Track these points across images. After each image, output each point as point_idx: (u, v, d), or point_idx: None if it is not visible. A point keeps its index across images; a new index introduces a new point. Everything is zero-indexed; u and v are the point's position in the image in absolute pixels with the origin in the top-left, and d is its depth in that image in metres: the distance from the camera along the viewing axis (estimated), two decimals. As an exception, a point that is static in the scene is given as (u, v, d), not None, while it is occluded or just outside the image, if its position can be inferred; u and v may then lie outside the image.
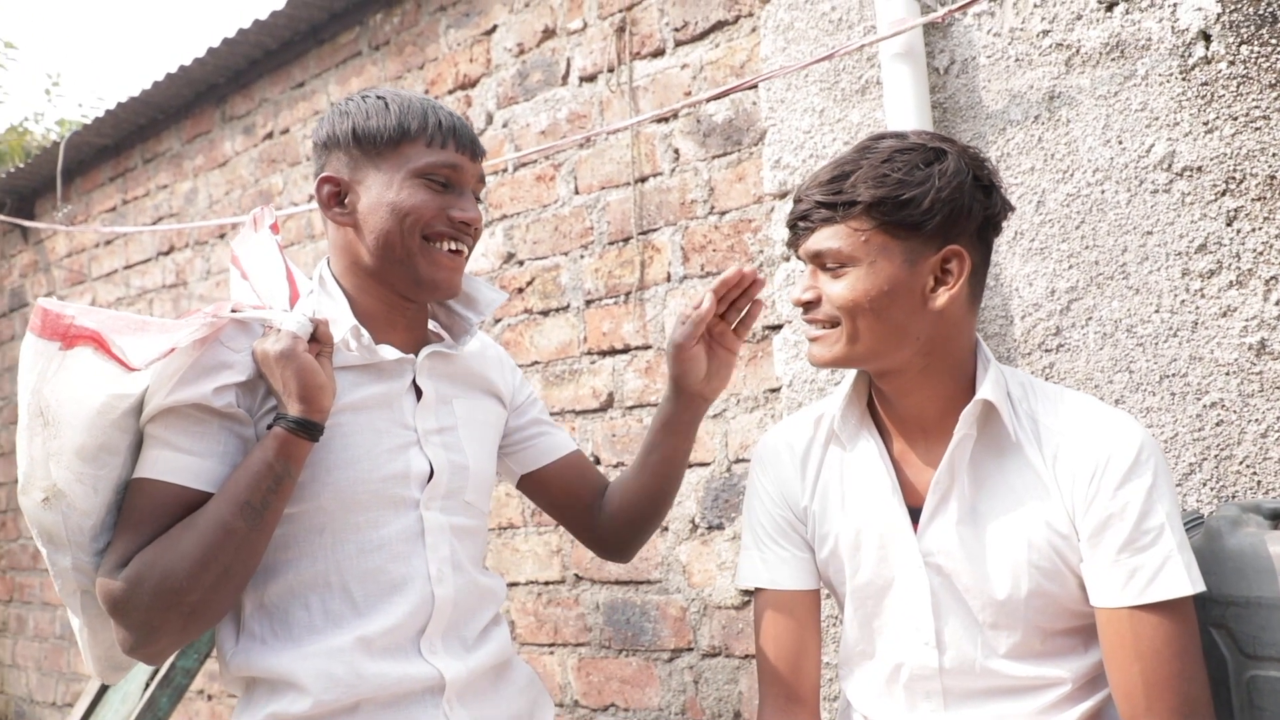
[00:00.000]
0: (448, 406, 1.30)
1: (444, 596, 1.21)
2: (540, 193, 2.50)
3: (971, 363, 1.19)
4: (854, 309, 1.14)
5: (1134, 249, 1.56)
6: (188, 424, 1.12)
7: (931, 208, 1.10)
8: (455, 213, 1.23)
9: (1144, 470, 1.09)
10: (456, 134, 1.24)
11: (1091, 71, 1.61)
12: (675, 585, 2.17)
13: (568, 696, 2.37)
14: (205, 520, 1.08)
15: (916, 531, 1.19)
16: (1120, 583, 1.07)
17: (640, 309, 2.27)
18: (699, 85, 2.19)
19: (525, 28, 2.55)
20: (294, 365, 1.10)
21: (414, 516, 1.22)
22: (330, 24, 3.08)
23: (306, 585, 1.17)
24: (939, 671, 1.17)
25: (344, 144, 1.24)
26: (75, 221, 4.16)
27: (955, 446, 1.15)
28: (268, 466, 1.09)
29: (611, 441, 2.31)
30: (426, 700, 1.18)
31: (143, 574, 1.07)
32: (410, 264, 1.22)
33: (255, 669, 1.16)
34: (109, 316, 1.12)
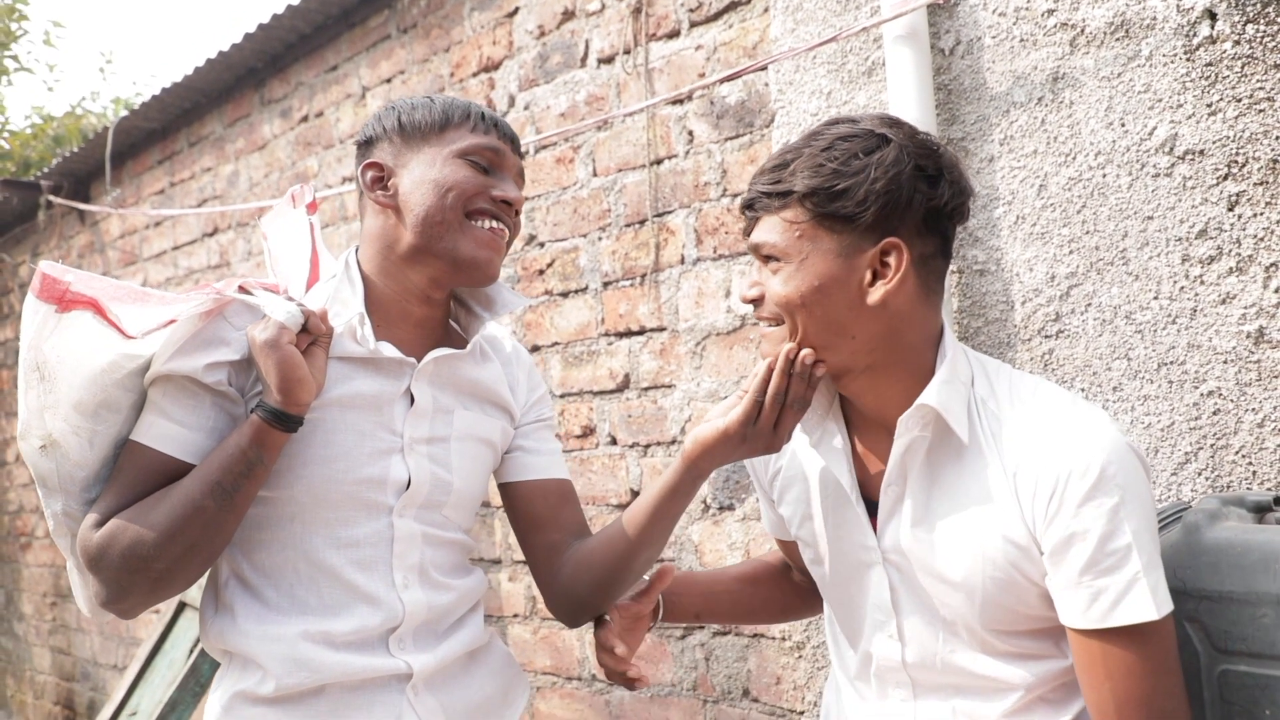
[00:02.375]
0: (446, 416, 1.28)
1: (414, 602, 1.22)
2: (560, 175, 2.53)
3: (931, 358, 1.15)
4: (789, 305, 1.10)
5: (1134, 234, 1.53)
6: (181, 395, 1.15)
7: (866, 199, 1.06)
8: (497, 192, 1.24)
9: (1109, 488, 1.03)
10: (499, 125, 1.28)
11: (1096, 52, 1.58)
12: (687, 564, 2.21)
13: (585, 670, 2.43)
14: (177, 495, 1.12)
15: (876, 529, 1.18)
16: (1083, 605, 1.04)
17: (655, 291, 2.29)
18: (713, 67, 2.19)
19: (545, 10, 2.56)
20: (276, 356, 1.11)
21: (385, 522, 1.22)
22: (360, 8, 3.12)
23: (277, 568, 1.20)
24: (903, 664, 1.19)
25: (389, 134, 1.26)
26: (126, 204, 4.29)
27: (904, 450, 1.13)
28: (241, 451, 1.11)
29: (627, 422, 2.34)
30: (392, 686, 1.20)
31: (115, 536, 1.11)
32: (450, 241, 1.21)
33: (227, 644, 1.19)
34: (109, 285, 1.16)
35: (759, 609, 1.49)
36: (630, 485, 2.32)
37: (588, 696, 2.42)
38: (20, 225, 5.09)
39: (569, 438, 2.47)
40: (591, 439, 2.42)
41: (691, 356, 2.21)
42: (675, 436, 2.23)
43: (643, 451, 2.30)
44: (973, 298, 1.73)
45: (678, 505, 1.22)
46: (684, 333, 2.22)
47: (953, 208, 1.13)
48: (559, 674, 2.49)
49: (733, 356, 2.13)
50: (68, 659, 4.96)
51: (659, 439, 2.27)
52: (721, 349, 2.15)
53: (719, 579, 1.48)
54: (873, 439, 1.21)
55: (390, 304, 1.27)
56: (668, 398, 2.25)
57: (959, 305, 1.75)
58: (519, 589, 2.58)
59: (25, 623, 5.38)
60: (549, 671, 2.52)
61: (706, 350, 2.18)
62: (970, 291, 1.73)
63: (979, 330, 1.72)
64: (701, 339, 2.19)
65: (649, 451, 2.29)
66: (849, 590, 1.23)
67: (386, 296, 1.27)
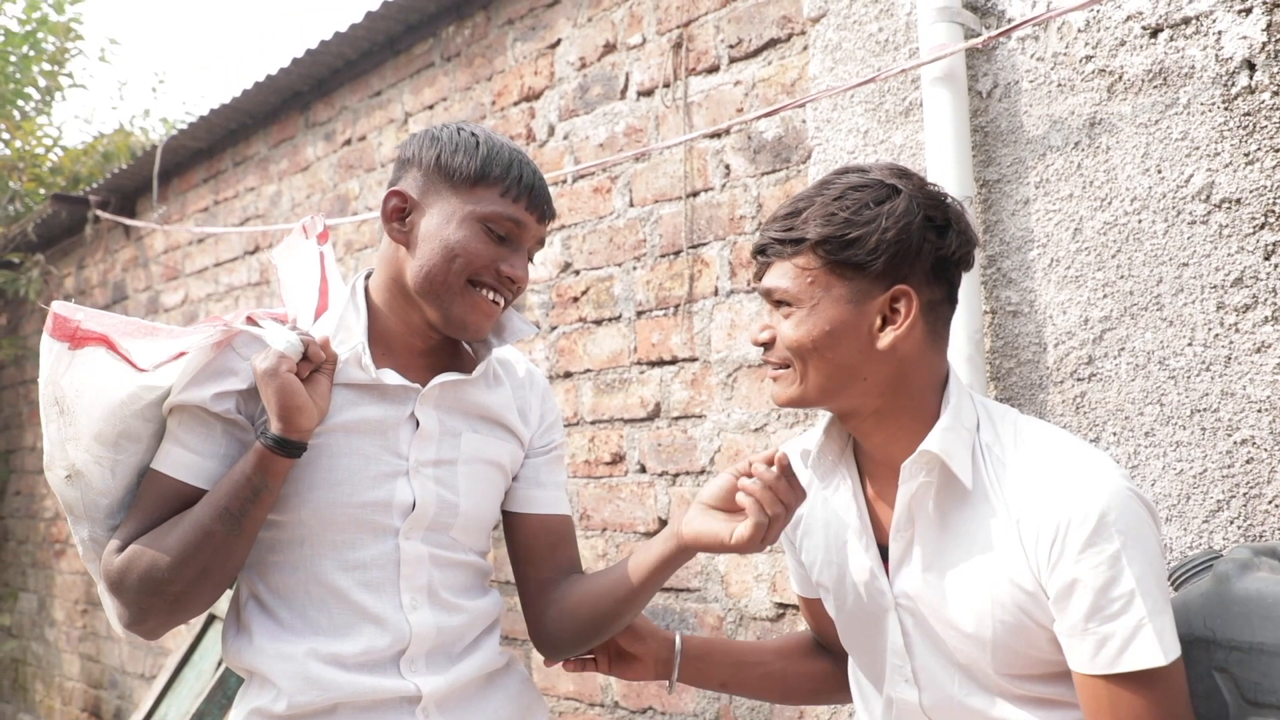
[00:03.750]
0: (453, 439, 1.29)
1: (422, 624, 1.24)
2: (597, 204, 2.56)
3: (936, 403, 1.16)
4: (799, 350, 1.13)
5: (1169, 280, 1.54)
6: (194, 423, 1.20)
7: (876, 248, 1.09)
8: (504, 267, 1.24)
9: (1108, 534, 1.03)
10: (533, 192, 1.25)
11: (1133, 99, 1.59)
12: (713, 594, 2.21)
13: (608, 698, 2.43)
14: (189, 521, 1.16)
15: (889, 573, 1.19)
16: (1090, 652, 1.05)
17: (689, 321, 2.31)
18: (751, 102, 2.22)
19: (587, 42, 2.61)
20: (275, 384, 1.13)
21: (392, 544, 1.24)
22: (405, 35, 3.19)
23: (290, 589, 1.23)
24: (920, 708, 1.19)
25: (424, 166, 1.25)
26: (171, 220, 4.39)
27: (911, 495, 1.14)
28: (246, 479, 1.14)
29: (657, 450, 2.35)
30: (403, 708, 1.22)
31: (134, 561, 1.16)
32: (446, 301, 1.23)
33: (245, 662, 1.23)
34: (118, 321, 1.21)
35: (791, 687, 1.48)
36: (658, 514, 2.34)
37: (610, 723, 2.42)
38: (68, 239, 5.21)
39: (598, 464, 2.50)
40: (621, 466, 2.44)
41: (723, 387, 2.23)
42: (704, 466, 2.25)
43: (671, 480, 2.32)
44: (1005, 339, 1.74)
45: (666, 575, 1.27)
46: (716, 364, 2.24)
47: (960, 256, 1.16)
48: (582, 699, 2.50)
49: (764, 389, 2.15)
50: (96, 666, 5.02)
51: (688, 468, 2.28)
52: (753, 381, 2.17)
53: (752, 651, 1.48)
54: (884, 484, 1.22)
55: (395, 333, 1.29)
56: (698, 428, 2.27)
57: (991, 346, 1.75)
58: (544, 613, 2.60)
59: (56, 629, 5.45)
60: (571, 697, 2.53)
61: (738, 382, 2.20)
62: (1003, 333, 1.74)
63: (1010, 371, 1.73)
64: (733, 370, 2.21)
65: (678, 480, 2.31)
66: (868, 635, 1.24)
67: (392, 325, 1.29)
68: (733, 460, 2.19)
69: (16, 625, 5.98)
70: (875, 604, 1.21)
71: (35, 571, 5.67)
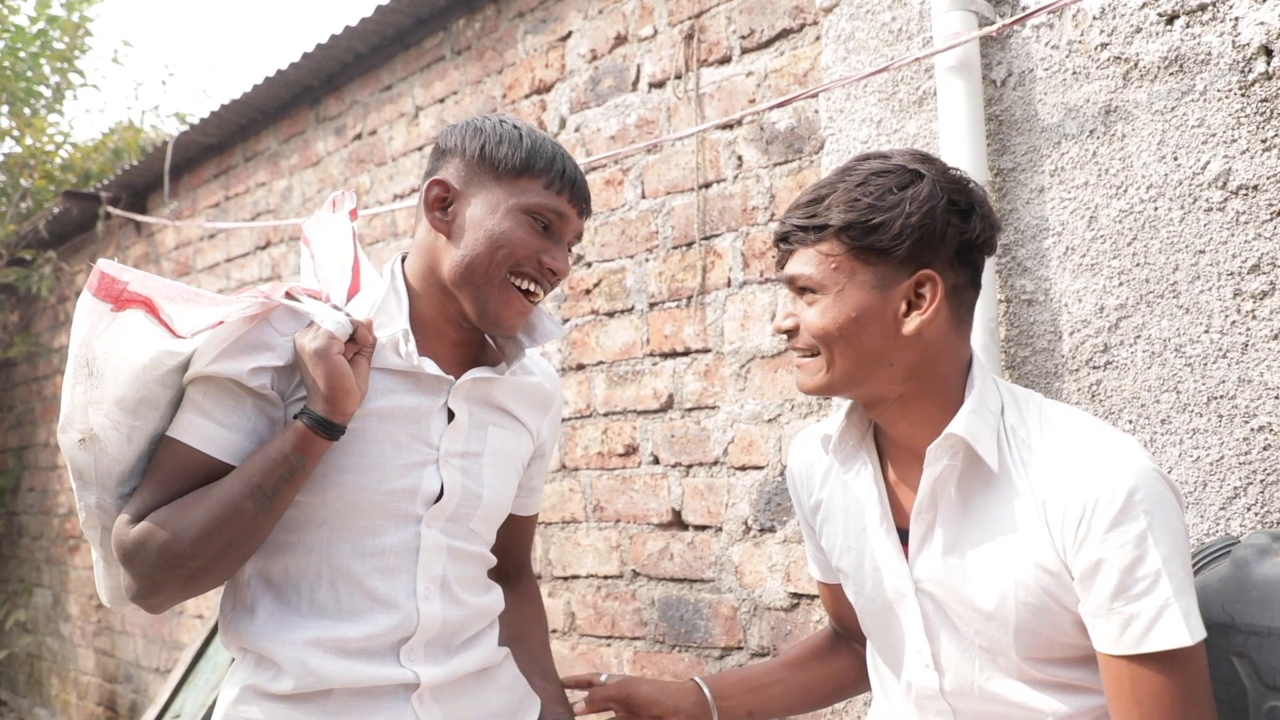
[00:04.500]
0: (481, 432, 1.30)
1: (430, 614, 1.23)
2: (609, 196, 2.56)
3: (960, 387, 1.16)
4: (825, 337, 1.13)
5: (1185, 268, 1.53)
6: (223, 396, 1.17)
7: (901, 233, 1.09)
8: (547, 258, 1.23)
9: (1135, 514, 1.03)
10: (575, 186, 1.25)
11: (1149, 86, 1.59)
12: (727, 585, 2.22)
13: (623, 688, 2.44)
14: (217, 495, 1.13)
15: (908, 557, 1.20)
16: (1115, 632, 1.05)
17: (701, 313, 2.32)
18: (763, 93, 2.21)
19: (598, 34, 2.61)
20: (325, 365, 1.12)
21: (413, 532, 1.23)
22: (416, 29, 3.19)
23: (301, 571, 1.21)
24: (941, 692, 1.19)
25: (467, 157, 1.25)
26: (182, 216, 4.40)
27: (934, 479, 1.14)
28: (284, 457, 1.13)
29: (670, 442, 2.36)
30: (399, 694, 1.22)
31: (153, 532, 1.13)
32: (485, 293, 1.23)
33: (244, 641, 1.21)
34: (163, 285, 1.17)
35: (813, 694, 1.49)
36: (671, 505, 2.34)
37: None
38: (79, 235, 5.23)
39: (611, 456, 2.50)
40: (634, 458, 2.45)
41: (736, 379, 2.23)
42: (718, 458, 2.25)
43: (685, 472, 2.32)
44: (1020, 327, 1.73)
45: None
46: (729, 355, 2.24)
47: (983, 240, 1.16)
48: (596, 691, 2.51)
49: (777, 380, 2.15)
50: (111, 660, 5.05)
51: (701, 459, 2.29)
52: (766, 372, 2.17)
53: (766, 672, 1.48)
54: (905, 468, 1.22)
55: (430, 322, 1.28)
56: (711, 419, 2.27)
57: (1006, 334, 1.75)
58: (558, 605, 2.60)
59: (71, 624, 5.49)
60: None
61: (751, 373, 2.20)
62: (1018, 321, 1.74)
63: (1026, 360, 1.73)
64: (746, 361, 2.21)
65: (691, 472, 2.31)
66: (888, 620, 1.25)
67: (428, 314, 1.28)
68: (746, 451, 2.19)
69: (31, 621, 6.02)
70: (895, 589, 1.21)
71: (49, 567, 5.70)
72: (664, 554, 2.36)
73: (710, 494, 2.26)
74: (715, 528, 2.25)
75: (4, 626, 6.15)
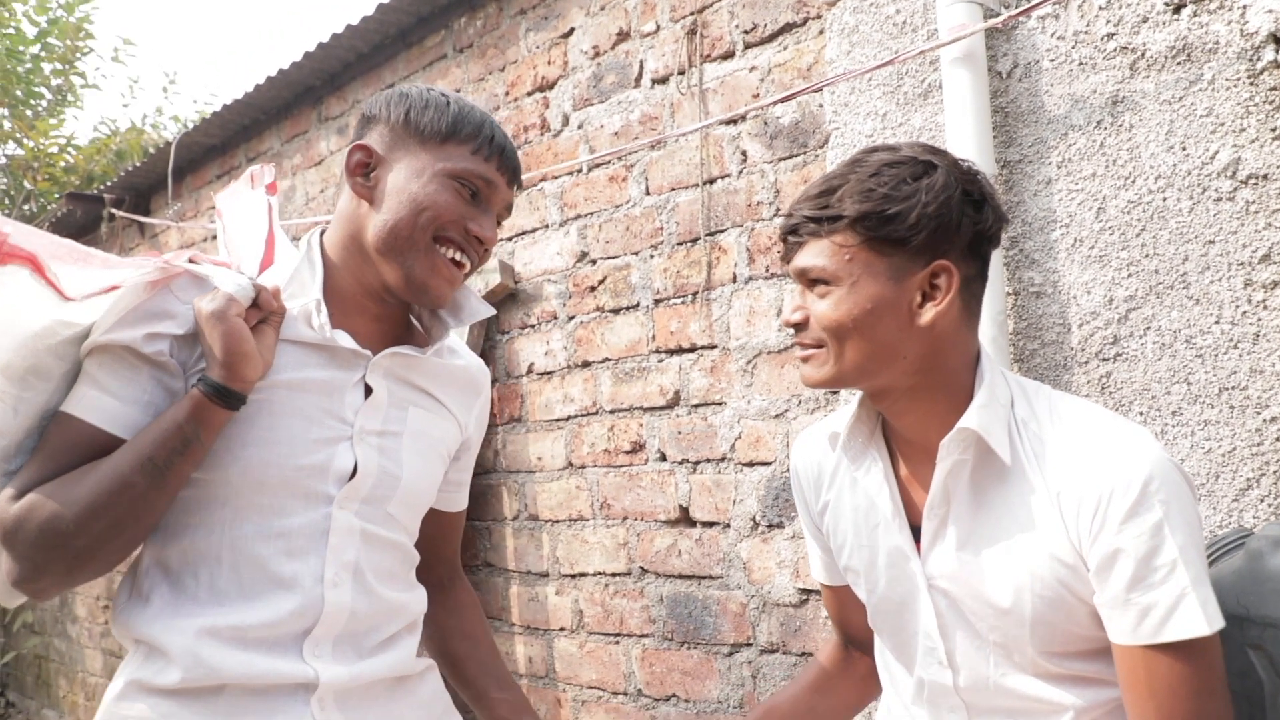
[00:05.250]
0: (401, 411, 1.23)
1: (337, 602, 1.15)
2: (613, 193, 2.56)
3: (970, 380, 1.16)
4: (838, 329, 1.11)
5: (1195, 258, 1.52)
6: (119, 366, 1.09)
7: (918, 223, 1.08)
8: (474, 226, 1.18)
9: (1151, 504, 1.03)
10: (504, 153, 1.21)
11: (1156, 75, 1.58)
12: (736, 581, 2.21)
13: (631, 685, 2.44)
14: (106, 468, 1.05)
15: (920, 554, 1.19)
16: (1132, 623, 1.04)
17: (707, 309, 2.31)
18: (767, 88, 2.21)
19: (600, 30, 2.60)
20: (222, 328, 1.06)
21: (323, 513, 1.15)
22: (417, 28, 3.18)
23: (200, 555, 1.12)
24: (954, 689, 1.19)
25: (392, 122, 1.19)
26: (185, 217, 4.40)
27: (946, 473, 1.13)
28: (177, 426, 1.05)
29: (677, 438, 2.35)
30: (298, 696, 1.12)
31: (34, 509, 1.04)
32: (410, 259, 1.16)
33: (135, 631, 1.12)
34: (51, 242, 1.10)
35: (840, 713, 1.47)
36: (679, 501, 2.34)
37: (633, 711, 2.43)
38: (83, 237, 5.23)
39: (618, 453, 2.50)
40: (640, 455, 2.44)
41: (742, 374, 2.22)
42: (725, 454, 2.25)
43: (692, 468, 2.32)
44: (1029, 320, 1.73)
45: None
46: (735, 350, 2.24)
47: (994, 232, 1.16)
48: (604, 688, 2.51)
49: (784, 375, 2.14)
50: (118, 661, 5.04)
51: (708, 455, 2.28)
52: (773, 367, 2.16)
53: (794, 703, 1.44)
54: (915, 464, 1.21)
55: (349, 295, 1.22)
56: (718, 415, 2.27)
57: (1014, 327, 1.74)
58: (565, 603, 2.60)
59: (78, 625, 5.49)
60: (595, 685, 2.53)
61: (757, 368, 2.19)
62: (1026, 314, 1.73)
63: (1035, 353, 1.72)
64: (753, 357, 2.20)
65: (698, 468, 2.30)
66: (900, 618, 1.24)
67: (346, 286, 1.22)
68: (754, 447, 2.19)
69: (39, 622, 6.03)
70: (907, 586, 1.20)
71: (56, 569, 5.70)
72: (672, 551, 2.35)
73: (718, 490, 2.26)
74: (723, 524, 2.24)
75: (12, 628, 6.16)
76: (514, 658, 2.76)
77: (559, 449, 2.66)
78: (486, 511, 2.87)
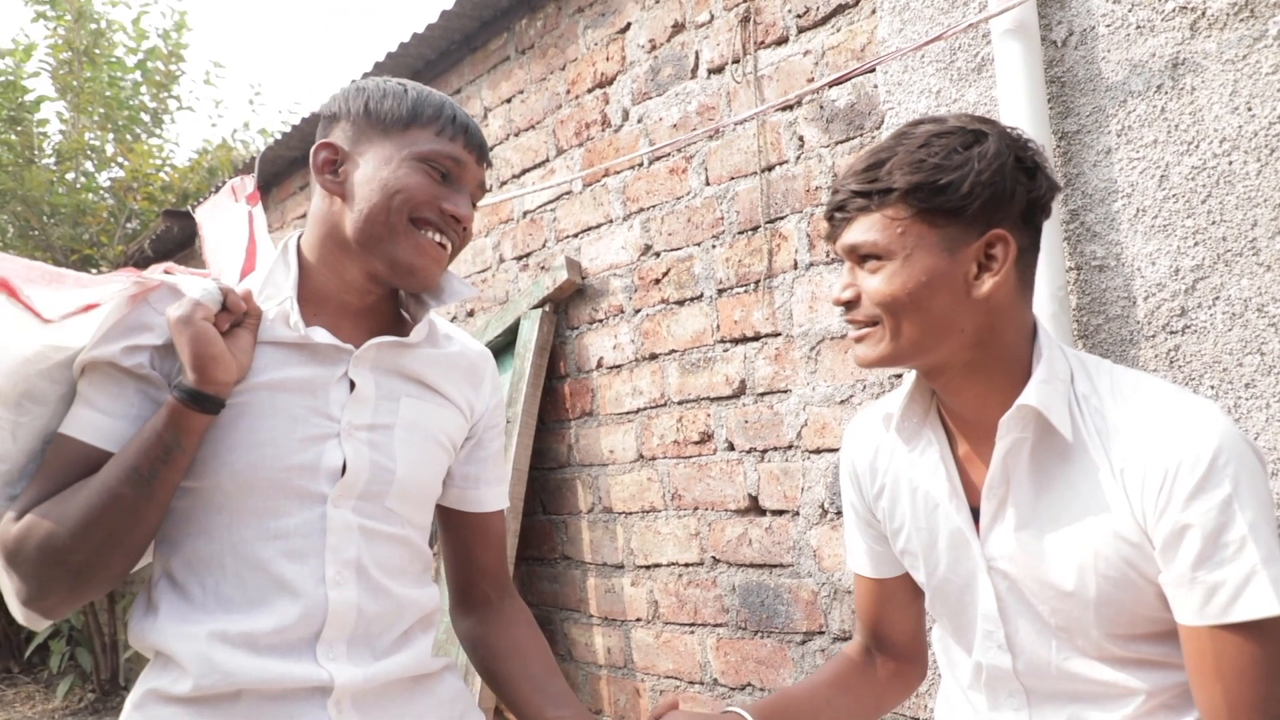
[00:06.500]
0: (391, 404, 1.21)
1: (342, 601, 1.14)
2: (674, 185, 2.56)
3: (1027, 355, 1.12)
4: (893, 305, 1.08)
5: (1265, 223, 1.46)
6: (105, 382, 1.11)
7: (971, 191, 1.05)
8: (447, 204, 1.18)
9: (1220, 479, 0.98)
10: (469, 131, 1.20)
11: (1218, 35, 1.52)
12: (806, 569, 2.20)
13: (707, 675, 2.45)
14: (95, 483, 1.06)
15: (979, 535, 1.16)
16: (1199, 602, 1.00)
17: (769, 297, 2.30)
18: (821, 71, 2.18)
19: (656, 24, 2.61)
20: (189, 332, 1.06)
21: (319, 512, 1.14)
22: (481, 32, 3.24)
23: (203, 563, 1.13)
24: (1014, 673, 1.16)
25: (353, 116, 1.20)
26: (273, 229, 4.56)
27: (1006, 453, 1.10)
28: (157, 435, 1.06)
29: (744, 427, 2.35)
30: (314, 700, 1.12)
31: (33, 527, 1.06)
32: (391, 244, 1.16)
33: (148, 642, 1.13)
34: (24, 266, 1.12)
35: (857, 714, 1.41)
36: (748, 490, 2.34)
37: (710, 700, 2.44)
38: (181, 252, 5.47)
39: (687, 444, 2.51)
40: (709, 445, 2.45)
41: (806, 361, 2.21)
42: (791, 441, 2.24)
43: (760, 457, 2.31)
44: (1092, 294, 1.68)
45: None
46: (798, 337, 2.22)
47: (1047, 200, 1.12)
48: (681, 677, 2.52)
49: (847, 360, 2.12)
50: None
51: (775, 444, 2.27)
52: (836, 353, 2.15)
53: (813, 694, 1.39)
54: (974, 443, 1.18)
55: (328, 292, 1.22)
56: (783, 402, 2.26)
57: (1077, 303, 1.70)
58: (641, 594, 2.62)
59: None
60: (671, 675, 2.55)
61: (821, 354, 2.18)
62: (1089, 288, 1.68)
63: (1099, 328, 1.67)
64: (816, 343, 2.19)
65: (766, 456, 2.30)
66: (960, 600, 1.21)
67: (324, 284, 1.21)
68: (820, 434, 2.17)
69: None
70: (966, 568, 1.18)
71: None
72: (742, 540, 2.35)
73: (785, 478, 2.25)
74: (792, 512, 2.24)
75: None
76: (593, 649, 2.80)
77: (630, 441, 2.68)
78: (563, 505, 2.92)
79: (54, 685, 6.47)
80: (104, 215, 6.31)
